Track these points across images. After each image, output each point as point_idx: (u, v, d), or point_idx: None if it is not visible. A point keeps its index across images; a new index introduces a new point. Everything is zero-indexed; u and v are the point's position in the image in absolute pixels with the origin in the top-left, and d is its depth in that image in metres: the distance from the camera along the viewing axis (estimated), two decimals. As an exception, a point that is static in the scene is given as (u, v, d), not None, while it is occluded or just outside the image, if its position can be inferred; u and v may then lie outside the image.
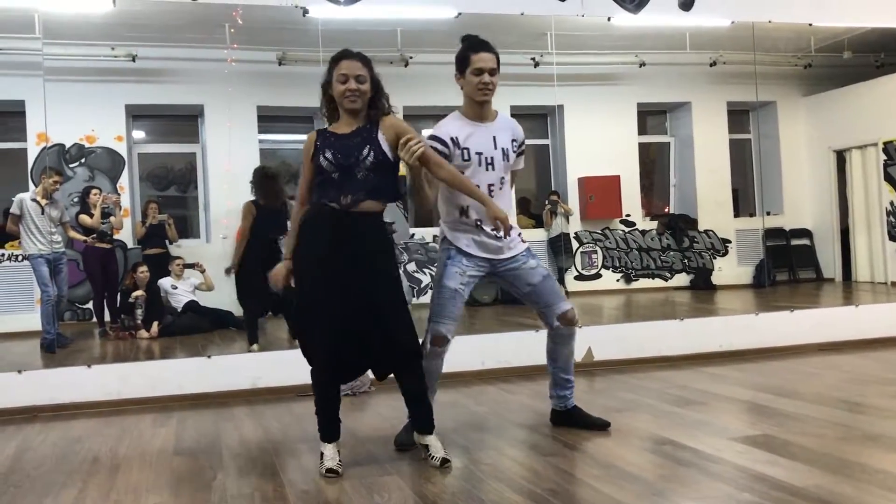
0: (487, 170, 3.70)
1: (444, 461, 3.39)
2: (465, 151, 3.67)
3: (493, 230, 3.68)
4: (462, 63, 3.69)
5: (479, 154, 3.69)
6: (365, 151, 3.37)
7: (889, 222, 9.94)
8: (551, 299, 3.83)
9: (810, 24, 7.24)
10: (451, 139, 3.67)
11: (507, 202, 3.77)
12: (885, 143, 9.96)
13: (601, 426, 3.93)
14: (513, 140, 3.79)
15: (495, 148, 3.72)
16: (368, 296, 3.36)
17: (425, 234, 9.96)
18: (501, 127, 3.79)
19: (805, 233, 11.01)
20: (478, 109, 3.73)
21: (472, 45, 3.69)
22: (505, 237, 3.70)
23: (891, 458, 3.25)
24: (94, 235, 7.84)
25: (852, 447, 3.45)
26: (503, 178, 3.76)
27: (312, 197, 3.45)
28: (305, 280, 3.42)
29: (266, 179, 6.64)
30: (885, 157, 9.97)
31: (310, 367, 3.49)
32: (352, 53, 3.53)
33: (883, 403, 4.27)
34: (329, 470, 3.34)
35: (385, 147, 3.40)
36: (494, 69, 3.67)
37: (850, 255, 10.54)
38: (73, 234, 7.74)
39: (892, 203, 9.94)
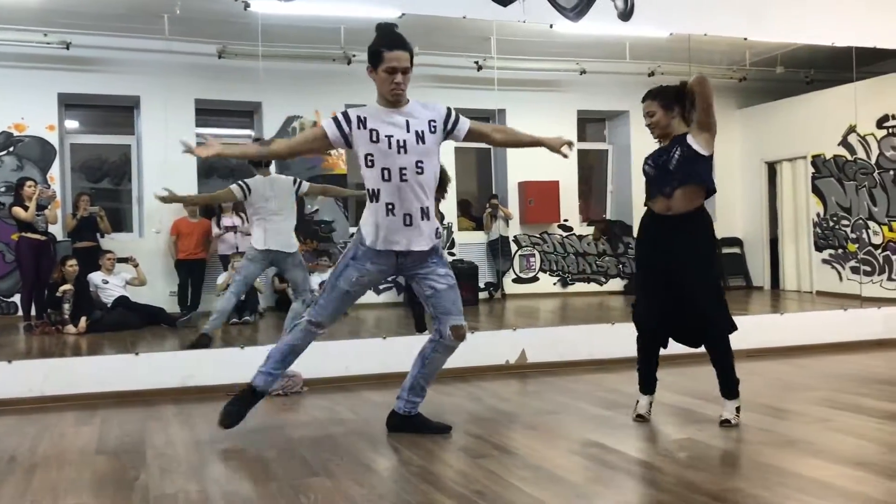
0: (399, 153, 3.64)
1: (724, 420, 4.00)
2: (374, 133, 3.63)
3: None
4: (375, 58, 3.63)
5: (389, 137, 3.63)
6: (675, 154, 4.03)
7: (816, 233, 10.27)
8: (450, 308, 3.87)
9: (745, 39, 7.44)
10: (359, 118, 3.65)
11: (429, 187, 3.73)
12: (813, 157, 10.29)
13: (442, 430, 3.98)
14: (430, 121, 3.71)
15: (408, 131, 3.65)
16: None
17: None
18: (414, 111, 3.71)
19: (736, 241, 11.29)
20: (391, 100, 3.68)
21: (386, 41, 3.63)
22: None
23: (807, 463, 3.36)
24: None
25: (771, 451, 3.55)
26: (419, 161, 3.66)
27: None
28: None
29: None
30: (814, 170, 10.30)
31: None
32: None
33: (803, 409, 4.41)
34: (639, 416, 4.12)
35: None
36: (408, 68, 3.63)
37: (778, 264, 10.85)
38: None
39: (818, 214, 10.27)
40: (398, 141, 3.63)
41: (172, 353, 5.94)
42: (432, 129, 3.70)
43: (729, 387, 4.08)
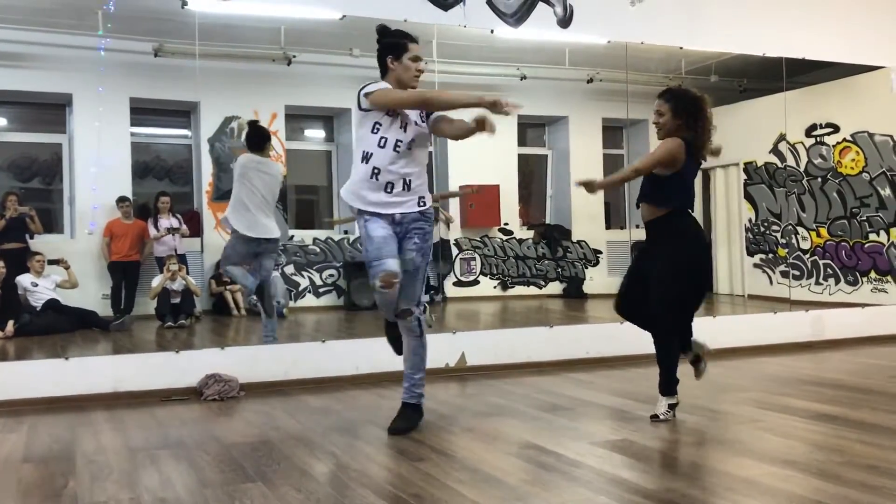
0: (402, 129, 4.03)
1: (653, 416, 4.19)
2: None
3: None
4: (399, 49, 4.05)
5: (401, 113, 4.04)
6: None
7: (747, 238, 10.54)
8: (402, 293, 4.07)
9: (681, 48, 7.60)
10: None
11: (417, 162, 4.17)
12: (745, 164, 10.56)
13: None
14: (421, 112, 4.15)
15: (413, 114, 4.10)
16: None
17: (304, 236, 9.84)
18: None
19: (672, 246, 11.49)
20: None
21: (405, 35, 4.10)
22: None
23: (736, 462, 3.45)
24: None
25: (703, 451, 3.64)
26: (412, 140, 4.06)
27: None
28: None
29: None
30: (745, 177, 10.58)
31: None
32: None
33: (734, 409, 4.52)
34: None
35: None
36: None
37: (711, 268, 11.08)
38: None
39: (750, 220, 10.55)
40: (405, 118, 4.03)
41: (104, 357, 5.80)
42: (423, 118, 4.14)
43: (662, 383, 4.27)
